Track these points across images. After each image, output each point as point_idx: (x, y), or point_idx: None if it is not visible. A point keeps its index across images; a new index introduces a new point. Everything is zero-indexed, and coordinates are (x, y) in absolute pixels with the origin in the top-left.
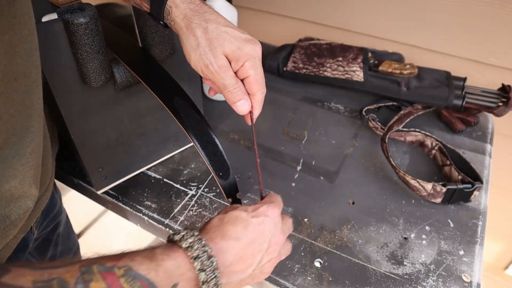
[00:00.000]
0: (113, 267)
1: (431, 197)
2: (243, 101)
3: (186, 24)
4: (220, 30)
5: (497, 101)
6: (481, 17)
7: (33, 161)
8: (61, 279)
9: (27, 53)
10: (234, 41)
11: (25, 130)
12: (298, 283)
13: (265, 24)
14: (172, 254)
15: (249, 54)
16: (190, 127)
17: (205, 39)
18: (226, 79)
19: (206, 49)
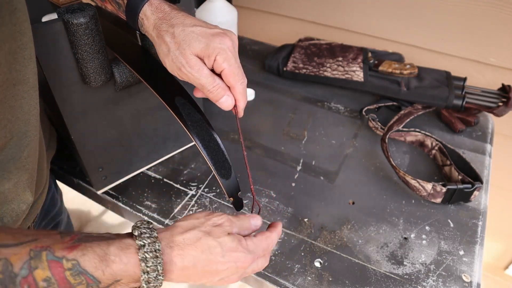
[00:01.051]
0: (62, 258)
1: (431, 197)
2: (225, 97)
3: (156, 34)
4: (186, 31)
5: (497, 101)
6: (481, 17)
7: (28, 165)
8: (7, 260)
9: (26, 59)
10: (201, 38)
11: (22, 134)
12: (298, 283)
13: (265, 24)
14: (123, 257)
15: (218, 47)
16: (192, 126)
17: (174, 43)
18: (201, 79)
19: (176, 52)
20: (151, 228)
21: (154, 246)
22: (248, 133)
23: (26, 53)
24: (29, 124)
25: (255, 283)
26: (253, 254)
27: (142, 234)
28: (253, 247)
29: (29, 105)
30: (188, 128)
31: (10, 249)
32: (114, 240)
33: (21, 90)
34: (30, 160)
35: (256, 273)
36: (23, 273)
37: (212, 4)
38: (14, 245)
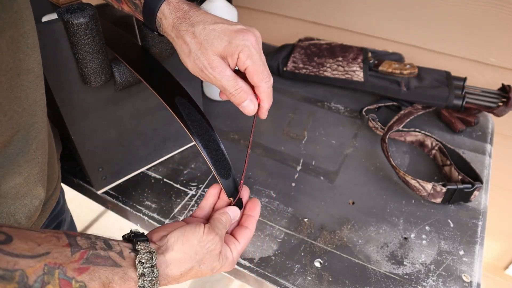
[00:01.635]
0: (72, 279)
1: (431, 197)
2: (248, 102)
3: (176, 34)
4: (207, 29)
5: (497, 101)
6: (481, 17)
7: (38, 158)
8: (23, 272)
9: (30, 48)
10: (223, 36)
11: (29, 126)
12: (298, 283)
13: (265, 24)
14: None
15: (241, 44)
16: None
17: (195, 43)
18: (223, 81)
19: (198, 53)
20: (154, 266)
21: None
22: (248, 133)
23: (29, 42)
24: (35, 115)
25: (255, 283)
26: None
27: (145, 275)
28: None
29: (35, 96)
30: (188, 128)
31: (26, 261)
32: (119, 270)
33: (26, 80)
34: (39, 153)
35: (256, 273)
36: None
37: (212, 4)
38: (30, 257)
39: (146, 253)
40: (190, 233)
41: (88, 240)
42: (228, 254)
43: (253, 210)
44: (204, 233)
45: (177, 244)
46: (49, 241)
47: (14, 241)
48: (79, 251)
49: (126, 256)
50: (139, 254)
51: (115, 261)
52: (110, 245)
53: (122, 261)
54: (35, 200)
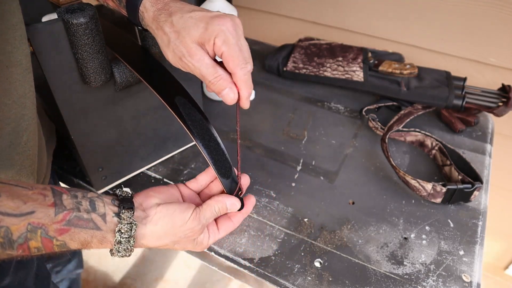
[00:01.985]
0: (53, 238)
1: (431, 197)
2: (228, 90)
3: (156, 25)
4: (185, 18)
5: (497, 101)
6: (481, 17)
7: (29, 150)
8: (8, 229)
9: (18, 40)
10: (200, 23)
11: (19, 119)
12: (298, 283)
13: (265, 24)
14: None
15: (217, 29)
16: (192, 126)
17: (173, 32)
18: (202, 68)
19: (176, 42)
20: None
21: (126, 252)
22: (248, 133)
23: (17, 34)
24: (25, 107)
25: (255, 283)
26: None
27: (121, 243)
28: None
29: (23, 88)
30: (188, 128)
31: (11, 219)
32: (98, 233)
33: (15, 72)
34: (30, 145)
35: (256, 273)
36: (20, 241)
37: (212, 4)
38: (14, 215)
39: (127, 224)
40: (177, 216)
41: (74, 199)
42: (205, 240)
43: (245, 207)
44: (190, 219)
45: (161, 220)
46: (35, 200)
47: (1, 198)
48: (63, 212)
49: (108, 220)
50: (120, 224)
51: (96, 224)
52: (95, 206)
53: (103, 224)
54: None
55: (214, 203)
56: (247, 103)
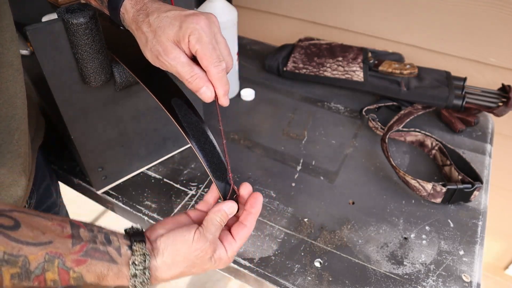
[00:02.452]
0: (70, 269)
1: (431, 197)
2: (204, 88)
3: (135, 26)
4: (161, 17)
5: (497, 101)
6: (481, 17)
7: (20, 149)
8: (26, 258)
9: (8, 42)
10: (175, 22)
11: (10, 118)
12: (298, 283)
13: (265, 24)
14: (117, 282)
15: (191, 27)
16: (188, 128)
17: (150, 32)
18: (178, 67)
19: (153, 41)
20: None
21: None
22: (248, 133)
23: (8, 36)
24: (16, 107)
25: (255, 283)
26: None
27: (137, 276)
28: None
29: (14, 88)
30: (183, 130)
31: (30, 248)
32: (113, 266)
33: (6, 73)
34: (21, 144)
35: (256, 273)
36: (37, 272)
37: (212, 4)
38: (33, 244)
39: (140, 255)
40: (180, 241)
41: (90, 232)
42: (223, 254)
43: (254, 206)
44: (194, 241)
45: (166, 250)
46: (53, 231)
47: (21, 228)
48: (80, 243)
49: (123, 253)
50: (133, 255)
51: (112, 257)
52: (110, 240)
53: (118, 257)
54: (20, 190)
55: (213, 215)
56: (225, 100)
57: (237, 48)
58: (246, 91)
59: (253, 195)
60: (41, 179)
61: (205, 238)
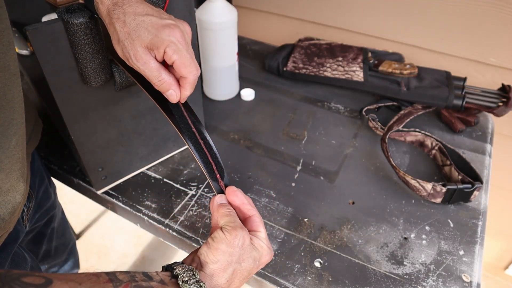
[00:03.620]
0: None
1: (431, 197)
2: (171, 92)
3: (108, 20)
4: (137, 21)
5: (497, 101)
6: (481, 17)
7: (18, 154)
8: None
9: (5, 46)
10: (151, 29)
11: (8, 123)
12: (298, 283)
13: (265, 24)
14: None
15: (167, 40)
16: (184, 129)
17: (124, 33)
18: (147, 71)
19: (125, 42)
20: (199, 281)
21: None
22: (248, 133)
23: (5, 40)
24: (14, 112)
25: (255, 283)
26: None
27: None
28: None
29: (12, 93)
30: (180, 131)
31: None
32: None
33: (3, 77)
34: (19, 149)
35: (256, 273)
36: None
37: (212, 4)
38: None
39: (186, 271)
40: (215, 243)
41: (127, 274)
42: (260, 243)
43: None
44: (226, 234)
45: (208, 257)
46: (89, 279)
47: (55, 283)
48: (121, 284)
49: (167, 282)
50: (180, 275)
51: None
52: (150, 276)
53: (165, 287)
54: (18, 195)
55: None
56: (185, 99)
57: (237, 48)
58: (246, 91)
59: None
60: (40, 182)
61: (232, 228)
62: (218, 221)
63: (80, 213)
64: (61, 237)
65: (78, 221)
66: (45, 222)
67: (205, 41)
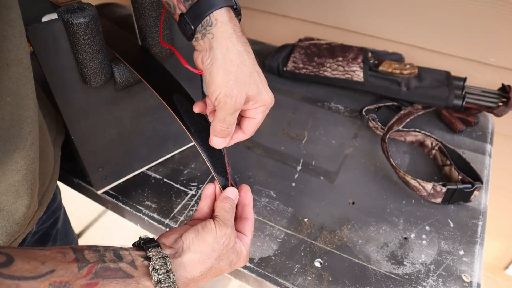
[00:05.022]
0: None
1: (431, 197)
2: (224, 140)
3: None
4: (250, 70)
5: (497, 101)
6: (481, 17)
7: (34, 153)
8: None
9: (17, 37)
10: (259, 83)
11: (23, 121)
12: (298, 283)
13: (265, 24)
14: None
15: (267, 101)
16: (190, 123)
17: (235, 74)
18: (232, 117)
19: (232, 81)
20: (169, 271)
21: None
22: None
23: (16, 31)
24: (29, 109)
25: (255, 283)
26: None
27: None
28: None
29: (26, 88)
30: (185, 125)
31: (29, 283)
32: (131, 281)
33: (17, 72)
34: (34, 149)
35: (256, 273)
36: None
37: None
38: (32, 278)
39: (159, 258)
40: (204, 232)
41: (96, 253)
42: (242, 248)
43: (246, 197)
44: (217, 229)
45: (193, 245)
46: (53, 258)
47: (16, 262)
48: (87, 265)
49: (138, 265)
50: (151, 261)
51: (127, 272)
52: (121, 255)
53: (134, 271)
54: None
55: (221, 203)
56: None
57: None
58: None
59: (242, 187)
60: None
61: (225, 225)
62: (216, 211)
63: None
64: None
65: (78, 221)
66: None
67: None
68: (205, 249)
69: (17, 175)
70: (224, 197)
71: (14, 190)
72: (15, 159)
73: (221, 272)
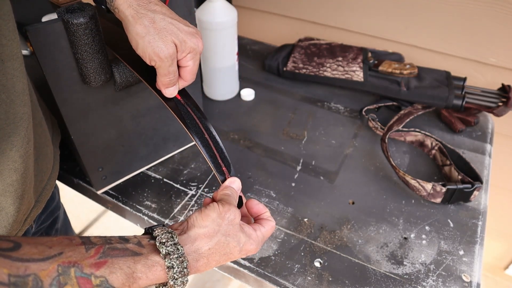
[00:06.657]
0: (91, 275)
1: (431, 197)
2: (175, 87)
3: (131, 13)
4: (166, 21)
5: (497, 101)
6: (481, 17)
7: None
8: (37, 276)
9: (11, 32)
10: (179, 33)
11: (19, 118)
12: (298, 283)
13: (265, 24)
14: (150, 274)
15: (192, 47)
16: (191, 124)
17: (153, 28)
18: (172, 66)
19: (155, 37)
20: (177, 244)
21: (183, 265)
22: (248, 133)
23: (10, 25)
24: (25, 105)
25: (255, 283)
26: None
27: (170, 254)
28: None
29: (22, 84)
30: (186, 126)
31: (38, 264)
32: (140, 257)
33: (11, 67)
34: (30, 145)
35: (256, 273)
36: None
37: (212, 4)
38: (41, 259)
39: (164, 233)
40: (207, 210)
41: (102, 238)
42: (251, 231)
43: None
44: (220, 206)
45: (197, 221)
46: (60, 243)
47: (23, 247)
48: (94, 247)
49: (145, 244)
50: (158, 236)
51: (134, 251)
52: (126, 238)
53: (141, 249)
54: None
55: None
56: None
57: (237, 48)
58: (246, 91)
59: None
60: None
61: (227, 203)
62: (218, 197)
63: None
64: None
65: (78, 221)
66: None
67: (205, 41)
68: (210, 223)
69: (15, 174)
70: (225, 186)
71: (12, 190)
72: (12, 158)
73: (231, 252)
